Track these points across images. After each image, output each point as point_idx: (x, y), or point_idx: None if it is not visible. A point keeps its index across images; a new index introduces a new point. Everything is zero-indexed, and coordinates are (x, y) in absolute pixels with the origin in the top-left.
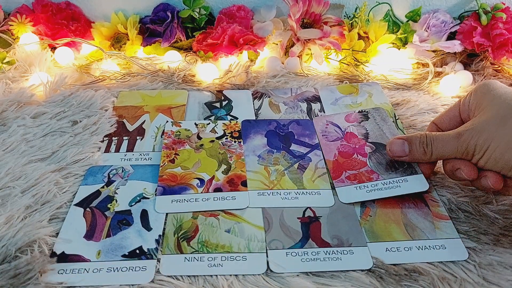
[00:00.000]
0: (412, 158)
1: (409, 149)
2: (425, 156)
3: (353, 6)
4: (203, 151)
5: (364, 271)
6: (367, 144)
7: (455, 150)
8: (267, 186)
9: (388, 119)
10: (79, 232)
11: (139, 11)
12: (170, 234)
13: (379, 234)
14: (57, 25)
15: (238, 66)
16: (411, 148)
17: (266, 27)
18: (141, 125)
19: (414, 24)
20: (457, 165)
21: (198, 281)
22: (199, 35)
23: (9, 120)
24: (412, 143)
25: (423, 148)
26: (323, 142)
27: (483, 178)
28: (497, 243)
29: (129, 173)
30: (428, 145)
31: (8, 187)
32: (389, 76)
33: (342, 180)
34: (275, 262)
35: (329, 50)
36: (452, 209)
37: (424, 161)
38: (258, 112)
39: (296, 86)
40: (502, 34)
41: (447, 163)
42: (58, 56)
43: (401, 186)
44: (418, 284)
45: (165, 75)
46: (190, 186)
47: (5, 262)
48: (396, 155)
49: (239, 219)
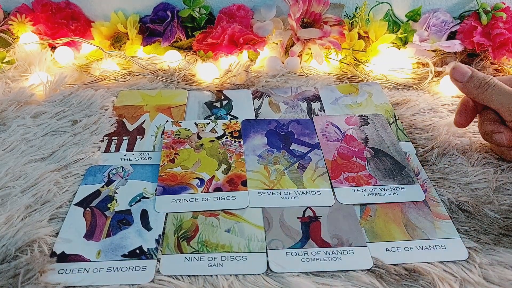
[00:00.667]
0: (465, 87)
1: (468, 78)
2: (477, 91)
3: (353, 5)
4: (203, 150)
5: (364, 271)
6: (366, 148)
7: (505, 104)
8: (267, 185)
9: (388, 126)
10: (79, 232)
11: (139, 11)
12: (170, 234)
13: (379, 234)
14: (57, 25)
15: (238, 65)
16: (470, 78)
17: (266, 26)
18: (141, 124)
19: (414, 24)
20: (500, 129)
21: (198, 281)
22: (199, 34)
23: (9, 120)
24: (474, 75)
25: (480, 83)
26: (323, 142)
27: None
28: (497, 243)
29: (129, 173)
30: (486, 85)
31: (8, 187)
32: (389, 76)
33: (340, 181)
34: (275, 262)
35: (329, 50)
36: (452, 209)
37: (473, 96)
38: (258, 112)
39: (296, 86)
40: (502, 34)
41: (490, 124)
42: (58, 56)
43: (398, 194)
44: (418, 284)
45: (165, 74)
46: (190, 186)
47: (5, 262)
48: (455, 78)
49: (239, 219)
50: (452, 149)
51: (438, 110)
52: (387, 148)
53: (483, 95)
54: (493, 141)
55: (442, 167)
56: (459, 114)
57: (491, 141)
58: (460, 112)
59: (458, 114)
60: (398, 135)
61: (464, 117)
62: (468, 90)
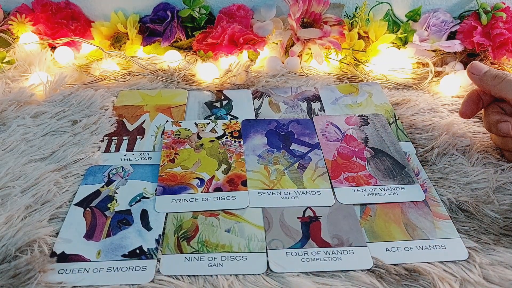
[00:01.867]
0: (481, 79)
1: (484, 72)
2: (493, 82)
3: (353, 5)
4: (203, 150)
5: (364, 271)
6: (366, 148)
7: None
8: (267, 185)
9: (388, 126)
10: (79, 232)
11: (139, 11)
12: (170, 233)
13: (379, 234)
14: (56, 25)
15: (238, 65)
16: (486, 71)
17: (266, 26)
18: (141, 124)
19: (414, 24)
20: (506, 118)
21: (198, 281)
22: (199, 34)
23: (9, 120)
24: (491, 69)
25: (496, 75)
26: (323, 142)
27: None
28: (497, 242)
29: (129, 173)
30: (502, 77)
31: (8, 187)
32: (389, 76)
33: (340, 180)
34: (275, 262)
35: (329, 50)
36: (452, 208)
37: (488, 87)
38: (258, 112)
39: (296, 86)
40: (502, 34)
41: (495, 115)
42: (58, 56)
43: (398, 194)
44: (418, 284)
45: (165, 74)
46: (190, 186)
47: (5, 262)
48: (472, 72)
49: (239, 218)
50: (452, 149)
51: (438, 110)
52: (387, 148)
53: (499, 86)
54: (497, 131)
55: (442, 167)
56: (465, 105)
57: (496, 132)
58: (466, 102)
59: (464, 105)
60: (398, 135)
61: (470, 108)
62: (484, 81)
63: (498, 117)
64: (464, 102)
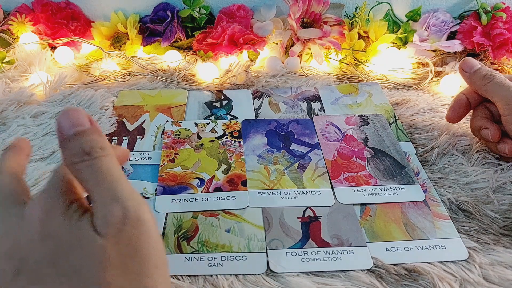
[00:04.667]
0: (471, 78)
1: (475, 70)
2: (480, 82)
3: (353, 5)
4: (203, 150)
5: (364, 271)
6: (366, 148)
7: (505, 97)
8: (267, 185)
9: (388, 126)
10: None
11: (139, 11)
12: (170, 233)
13: (379, 234)
14: (57, 25)
15: (238, 65)
16: (477, 69)
17: (266, 26)
18: (141, 124)
19: (414, 24)
20: (487, 125)
21: (198, 281)
22: (199, 34)
23: (9, 120)
24: (481, 68)
25: (485, 75)
26: (323, 142)
27: (502, 143)
28: (497, 242)
29: (129, 173)
30: (490, 77)
31: None
32: (389, 76)
33: (340, 181)
34: (275, 261)
35: (329, 50)
36: (452, 208)
37: (476, 87)
38: (258, 112)
39: (296, 86)
40: (502, 34)
41: (479, 120)
42: (58, 56)
43: (398, 194)
44: (418, 284)
45: (165, 74)
46: (190, 186)
47: None
48: (463, 68)
49: (239, 218)
50: (452, 149)
51: (438, 110)
52: (387, 148)
53: (486, 87)
54: (480, 136)
55: (442, 167)
56: (451, 110)
57: (479, 136)
58: (452, 108)
59: (450, 110)
60: (398, 135)
61: (456, 113)
62: (473, 81)
63: (481, 123)
64: (450, 107)
